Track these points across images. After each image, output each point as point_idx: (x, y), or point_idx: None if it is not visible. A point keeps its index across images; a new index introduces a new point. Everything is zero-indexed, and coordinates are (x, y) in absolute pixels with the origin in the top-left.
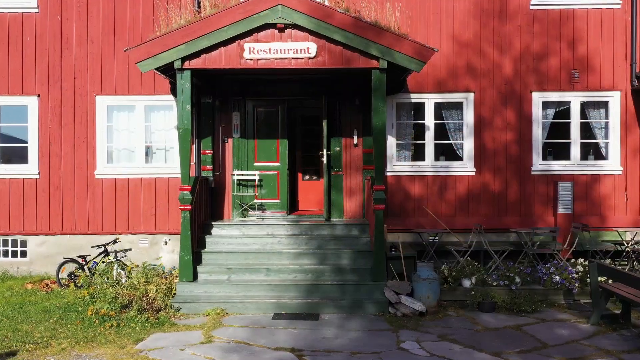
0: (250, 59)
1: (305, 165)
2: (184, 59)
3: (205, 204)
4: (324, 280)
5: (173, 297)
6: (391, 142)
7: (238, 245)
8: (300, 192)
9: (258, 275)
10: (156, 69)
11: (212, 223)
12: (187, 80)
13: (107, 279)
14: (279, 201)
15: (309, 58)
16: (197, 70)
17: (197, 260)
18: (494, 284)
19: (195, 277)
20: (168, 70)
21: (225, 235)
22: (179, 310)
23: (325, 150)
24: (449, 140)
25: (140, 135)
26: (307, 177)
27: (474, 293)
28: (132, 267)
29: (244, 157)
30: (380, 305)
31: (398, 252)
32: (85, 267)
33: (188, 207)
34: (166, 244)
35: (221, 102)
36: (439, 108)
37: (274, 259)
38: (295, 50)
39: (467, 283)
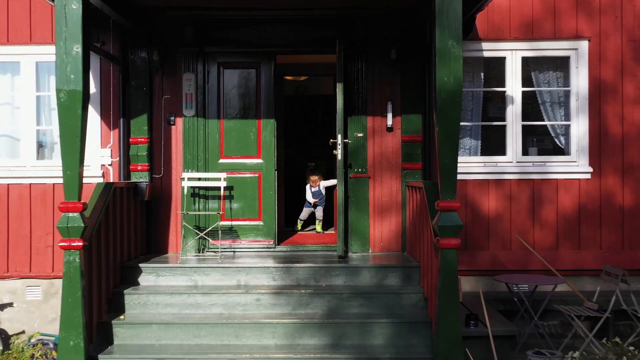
0: None
1: (306, 162)
2: None
3: (130, 230)
4: None
5: None
6: None
7: (184, 308)
8: (298, 208)
9: None
10: None
11: (141, 265)
12: None
13: None
14: (260, 223)
15: None
16: None
17: (101, 342)
18: None
19: None
20: None
21: (162, 288)
22: None
23: (340, 138)
24: (544, 120)
25: (29, 114)
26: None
27: None
28: (13, 340)
29: (203, 150)
30: None
31: (479, 325)
32: None
33: (76, 244)
34: None
35: (164, 56)
36: (528, 66)
37: (249, 336)
38: None
39: None
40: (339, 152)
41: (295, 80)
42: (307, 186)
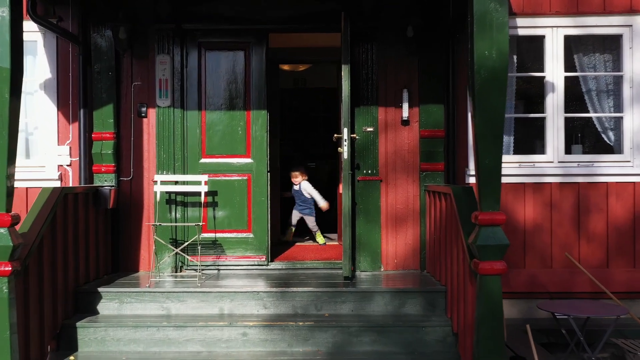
0: None
1: (305, 163)
2: None
3: (88, 246)
4: None
5: None
6: None
7: (151, 345)
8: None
9: None
10: None
11: (100, 290)
12: None
13: None
14: (249, 235)
15: None
16: None
17: None
18: None
19: None
20: None
21: (126, 319)
22: None
23: (346, 132)
24: (590, 112)
25: None
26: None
27: None
28: None
29: (180, 147)
30: None
31: None
32: None
33: (3, 270)
34: None
35: (133, 35)
36: (571, 47)
37: None
38: None
39: None
40: (344, 150)
41: (293, 71)
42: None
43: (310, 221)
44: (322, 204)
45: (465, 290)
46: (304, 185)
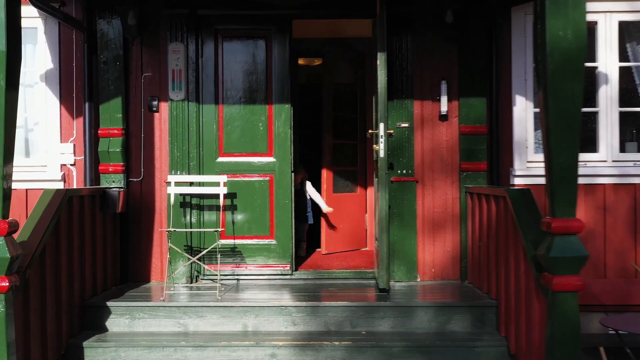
0: None
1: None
2: None
3: (96, 254)
4: None
5: None
6: (522, 108)
7: None
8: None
9: None
10: None
11: (110, 304)
12: None
13: None
14: (272, 242)
15: None
16: None
17: None
18: None
19: None
20: None
21: (139, 337)
22: None
23: (382, 128)
24: None
25: None
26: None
27: None
28: None
29: (196, 145)
30: None
31: None
32: None
33: (1, 285)
34: None
35: (143, 21)
36: (624, 34)
37: None
38: None
39: None
40: (380, 147)
41: (307, 65)
42: None
43: (302, 229)
44: (326, 207)
45: (528, 306)
46: (309, 188)
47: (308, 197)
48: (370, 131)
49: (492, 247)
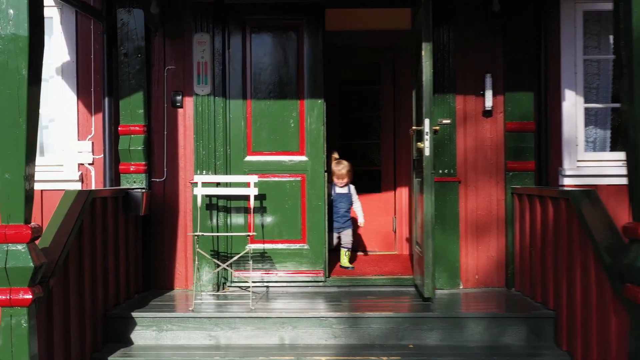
0: None
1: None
2: None
3: (118, 261)
4: None
5: None
6: (572, 104)
7: None
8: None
9: None
10: None
11: (135, 315)
12: None
13: None
14: (304, 247)
15: None
16: None
17: None
18: None
19: None
20: None
21: (166, 351)
22: None
23: (428, 124)
24: None
25: None
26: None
27: None
28: None
29: (222, 143)
30: None
31: None
32: None
33: (22, 298)
34: None
35: (166, 10)
36: None
37: None
38: None
39: None
40: (426, 145)
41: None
42: (331, 186)
43: (349, 234)
44: (362, 219)
45: (601, 319)
46: (353, 189)
47: (352, 198)
48: (413, 127)
49: (548, 253)
